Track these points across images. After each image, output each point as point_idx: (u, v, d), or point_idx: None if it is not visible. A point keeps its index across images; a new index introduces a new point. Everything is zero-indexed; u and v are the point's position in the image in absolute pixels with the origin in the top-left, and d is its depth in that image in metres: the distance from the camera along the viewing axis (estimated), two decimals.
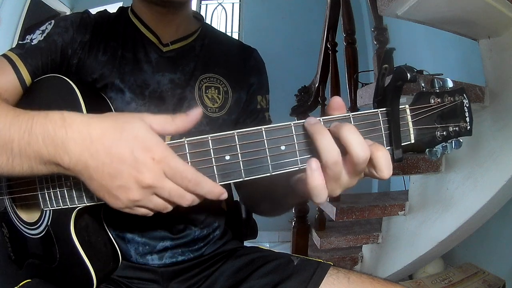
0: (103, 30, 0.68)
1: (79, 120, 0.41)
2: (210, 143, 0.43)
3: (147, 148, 0.40)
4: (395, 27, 1.96)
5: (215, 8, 3.66)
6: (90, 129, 0.41)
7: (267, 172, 0.44)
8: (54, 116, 0.42)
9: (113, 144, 0.40)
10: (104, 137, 0.40)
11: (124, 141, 0.40)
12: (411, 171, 1.44)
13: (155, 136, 0.41)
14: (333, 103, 0.45)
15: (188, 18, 0.75)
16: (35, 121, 0.42)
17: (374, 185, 2.89)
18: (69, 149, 0.41)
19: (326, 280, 0.61)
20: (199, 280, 0.70)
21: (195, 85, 0.70)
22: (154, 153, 0.40)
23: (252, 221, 0.94)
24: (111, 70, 0.66)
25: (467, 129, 0.47)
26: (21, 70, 0.61)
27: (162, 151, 0.41)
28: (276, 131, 0.43)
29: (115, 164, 0.40)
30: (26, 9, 2.74)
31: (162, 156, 0.40)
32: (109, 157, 0.40)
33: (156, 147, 0.41)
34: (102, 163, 0.40)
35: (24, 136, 0.42)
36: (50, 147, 0.41)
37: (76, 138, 0.40)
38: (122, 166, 0.40)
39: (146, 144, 0.40)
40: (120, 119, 0.42)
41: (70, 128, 0.41)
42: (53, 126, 0.41)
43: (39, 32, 0.65)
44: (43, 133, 0.41)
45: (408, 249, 1.53)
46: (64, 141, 0.41)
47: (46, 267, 0.59)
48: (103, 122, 0.41)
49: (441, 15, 1.15)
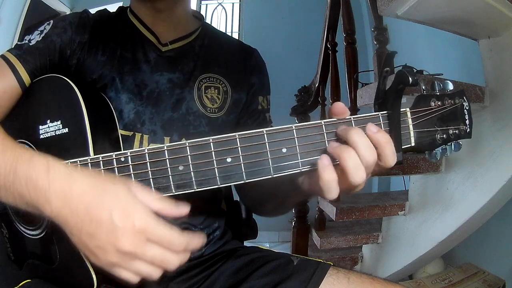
0: (102, 30, 0.68)
1: (62, 174, 0.41)
2: (211, 146, 0.44)
3: (127, 214, 0.39)
4: (395, 27, 1.96)
5: (215, 8, 3.66)
6: (73, 185, 0.40)
7: (268, 174, 0.44)
8: (38, 163, 0.42)
9: (93, 204, 0.40)
10: (85, 196, 0.40)
11: (104, 203, 0.40)
12: (411, 171, 1.44)
13: (136, 202, 0.40)
14: (336, 109, 0.45)
15: (187, 17, 0.75)
16: (20, 164, 0.42)
17: (374, 185, 2.89)
18: (51, 201, 0.40)
19: (326, 280, 0.61)
20: (199, 280, 0.70)
21: (194, 85, 0.70)
22: (135, 220, 0.39)
23: (252, 221, 0.94)
24: (110, 70, 0.66)
25: (466, 131, 0.47)
26: (20, 71, 0.61)
27: (144, 218, 0.40)
28: (277, 133, 0.44)
29: (93, 225, 0.40)
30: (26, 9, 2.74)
31: (144, 225, 0.40)
32: (88, 217, 0.40)
33: (138, 214, 0.40)
34: (82, 220, 0.40)
35: (10, 175, 0.42)
36: (33, 194, 0.41)
37: (58, 192, 0.40)
38: (100, 229, 0.39)
39: (127, 210, 0.40)
40: (104, 178, 0.42)
41: (53, 182, 0.41)
42: (36, 174, 0.41)
43: (37, 33, 0.65)
44: (26, 179, 0.41)
45: (408, 249, 1.52)
46: (46, 193, 0.41)
47: (46, 268, 0.59)
48: (86, 179, 0.41)
49: (441, 15, 1.15)
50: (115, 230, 0.39)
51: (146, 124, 0.66)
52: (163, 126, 0.67)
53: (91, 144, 0.53)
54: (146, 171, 0.46)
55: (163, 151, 0.45)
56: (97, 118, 0.57)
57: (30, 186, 0.41)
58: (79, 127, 0.54)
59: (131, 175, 0.47)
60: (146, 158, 0.46)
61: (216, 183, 0.44)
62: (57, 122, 0.56)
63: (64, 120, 0.56)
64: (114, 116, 0.62)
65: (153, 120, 0.67)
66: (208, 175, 0.44)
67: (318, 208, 1.77)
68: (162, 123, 0.67)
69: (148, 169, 0.46)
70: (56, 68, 0.64)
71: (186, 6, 0.74)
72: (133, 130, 0.65)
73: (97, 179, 0.41)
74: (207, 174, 0.44)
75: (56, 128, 0.56)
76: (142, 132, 0.66)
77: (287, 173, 0.44)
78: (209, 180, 0.44)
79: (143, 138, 0.66)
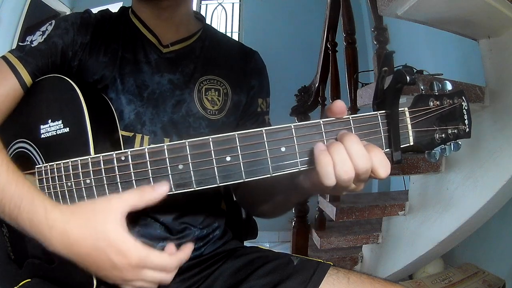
0: (104, 31, 0.68)
1: (59, 221, 0.46)
2: (211, 145, 0.44)
3: (121, 253, 0.45)
4: (395, 27, 1.96)
5: (215, 8, 3.66)
6: (69, 232, 0.45)
7: (267, 173, 0.44)
8: (38, 208, 0.46)
9: (91, 251, 0.45)
10: (82, 244, 0.45)
11: (100, 250, 0.45)
12: (411, 171, 1.44)
13: (127, 239, 0.45)
14: (335, 108, 0.45)
15: (188, 18, 0.75)
16: (24, 204, 0.47)
17: (374, 185, 2.89)
18: (53, 245, 0.46)
19: (326, 280, 0.61)
20: (199, 280, 0.70)
21: (195, 87, 0.70)
22: (129, 259, 0.45)
23: (252, 221, 0.94)
24: (111, 71, 0.66)
25: (466, 131, 0.47)
26: (21, 73, 0.61)
27: (136, 255, 0.45)
28: (276, 133, 0.44)
29: (96, 265, 0.46)
30: (26, 9, 2.74)
31: (138, 261, 0.45)
32: (90, 259, 0.46)
33: (130, 253, 0.45)
34: (84, 261, 0.46)
35: (14, 210, 0.47)
36: (37, 234, 0.46)
37: (58, 239, 0.45)
38: (103, 266, 0.46)
39: (120, 250, 0.45)
40: (94, 221, 0.45)
41: (53, 229, 0.45)
42: (38, 219, 0.46)
43: (39, 34, 0.65)
44: (30, 220, 0.46)
45: (408, 249, 1.52)
46: (47, 237, 0.46)
47: (46, 267, 0.59)
48: (81, 228, 0.45)
49: (441, 15, 1.15)
50: (117, 267, 0.45)
51: (147, 125, 0.66)
52: (163, 127, 0.67)
53: (92, 144, 0.53)
54: (146, 170, 0.47)
55: (163, 150, 0.45)
56: (98, 118, 0.57)
57: (34, 227, 0.46)
58: (80, 127, 0.54)
59: (131, 174, 0.47)
60: (146, 157, 0.46)
61: (216, 182, 0.44)
62: (58, 121, 0.56)
63: (65, 120, 0.56)
64: (115, 117, 0.62)
65: (154, 121, 0.67)
66: (208, 174, 0.44)
67: (318, 208, 1.77)
68: (162, 124, 0.67)
69: (148, 168, 0.47)
70: (58, 69, 0.64)
71: (188, 7, 0.74)
72: (133, 131, 0.65)
73: (88, 224, 0.45)
74: (207, 173, 0.44)
75: (57, 128, 0.56)
76: (142, 133, 0.66)
77: (286, 172, 0.44)
78: (209, 179, 0.45)
79: (143, 139, 0.66)
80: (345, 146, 0.42)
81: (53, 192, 0.53)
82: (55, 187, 0.53)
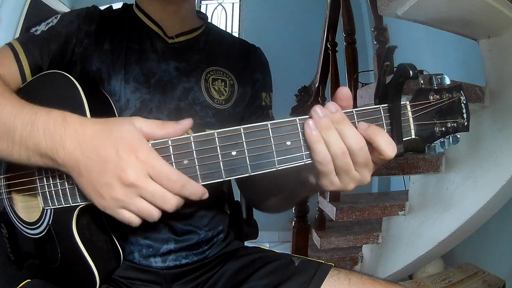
0: (109, 23, 0.69)
1: (77, 121, 0.46)
2: (216, 140, 0.44)
3: (131, 148, 0.43)
4: (395, 27, 1.96)
5: (215, 8, 3.66)
6: (85, 129, 0.45)
7: (273, 167, 0.44)
8: (56, 114, 0.46)
9: (102, 143, 0.44)
10: (95, 137, 0.44)
11: (111, 142, 0.43)
12: (411, 171, 1.45)
13: (141, 138, 0.44)
14: (340, 94, 0.45)
15: (192, 13, 0.76)
16: (39, 116, 0.46)
17: (374, 185, 2.89)
18: (65, 145, 0.44)
19: (327, 281, 0.61)
20: (201, 282, 0.70)
21: (202, 77, 0.70)
22: (138, 152, 0.43)
23: (252, 221, 0.94)
24: (116, 60, 0.66)
25: (464, 125, 0.48)
26: (22, 61, 0.63)
27: (146, 151, 0.43)
28: (282, 127, 0.44)
29: (101, 162, 0.43)
30: (26, 9, 2.74)
31: (146, 157, 0.43)
32: (97, 155, 0.43)
33: (141, 148, 0.43)
34: (91, 160, 0.44)
35: (27, 128, 0.46)
36: (49, 141, 0.45)
37: (72, 135, 0.44)
38: (107, 165, 0.43)
39: (131, 145, 0.43)
40: (112, 121, 0.46)
41: (69, 127, 0.45)
42: (54, 123, 0.45)
43: (44, 24, 0.66)
44: (44, 128, 0.45)
45: (408, 249, 1.53)
46: (62, 137, 0.45)
47: (47, 267, 0.59)
48: (96, 124, 0.45)
49: (441, 15, 1.15)
50: (121, 163, 0.43)
51: (154, 112, 0.66)
52: (169, 115, 0.67)
53: None
54: None
55: (168, 146, 0.45)
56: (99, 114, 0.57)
57: (47, 135, 0.45)
58: None
59: None
60: None
61: (221, 177, 0.44)
62: None
63: None
64: (115, 112, 0.62)
65: (160, 109, 0.67)
66: (213, 168, 0.44)
67: (318, 208, 1.78)
68: (168, 112, 0.67)
69: None
70: (60, 57, 0.65)
71: (192, 3, 0.75)
72: None
73: (106, 123, 0.45)
74: (212, 168, 0.44)
75: None
76: None
77: (291, 165, 0.45)
78: (214, 174, 0.45)
79: None
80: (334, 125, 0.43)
81: (54, 191, 0.53)
82: (56, 186, 0.53)
